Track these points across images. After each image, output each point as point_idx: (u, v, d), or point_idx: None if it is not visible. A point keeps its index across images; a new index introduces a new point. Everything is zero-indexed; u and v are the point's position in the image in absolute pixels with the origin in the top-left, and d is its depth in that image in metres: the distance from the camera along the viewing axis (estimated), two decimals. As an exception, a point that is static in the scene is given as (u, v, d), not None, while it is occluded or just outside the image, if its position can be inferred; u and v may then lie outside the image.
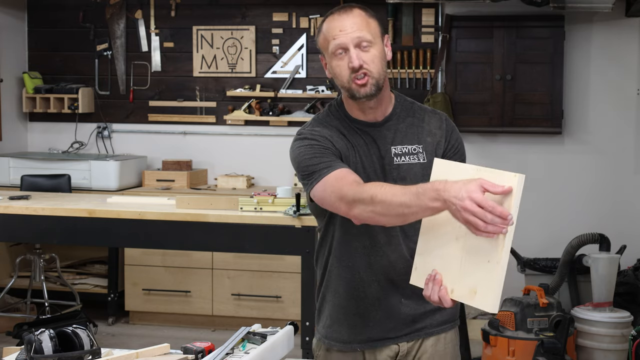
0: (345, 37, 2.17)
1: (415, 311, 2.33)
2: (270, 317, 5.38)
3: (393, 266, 2.29)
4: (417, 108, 2.36)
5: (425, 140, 2.30)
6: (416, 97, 2.50)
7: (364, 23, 2.19)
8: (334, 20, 2.21)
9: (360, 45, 2.17)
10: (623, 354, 4.45)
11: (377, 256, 2.29)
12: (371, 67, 2.18)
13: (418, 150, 2.29)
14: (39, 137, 6.62)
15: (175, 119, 6.38)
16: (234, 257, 5.70)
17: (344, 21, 2.19)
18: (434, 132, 2.32)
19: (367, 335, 2.34)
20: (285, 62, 6.19)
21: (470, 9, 5.80)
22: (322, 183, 2.16)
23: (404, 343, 2.35)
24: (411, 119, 2.32)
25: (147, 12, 6.39)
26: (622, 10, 5.60)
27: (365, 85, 2.19)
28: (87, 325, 2.24)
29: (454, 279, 1.99)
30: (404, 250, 2.29)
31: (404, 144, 2.29)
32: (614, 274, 4.64)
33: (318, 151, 2.21)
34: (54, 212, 4.57)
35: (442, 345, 2.37)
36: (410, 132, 2.30)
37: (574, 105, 5.81)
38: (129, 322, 5.97)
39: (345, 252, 2.32)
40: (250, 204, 4.43)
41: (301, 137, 2.27)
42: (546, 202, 5.88)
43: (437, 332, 2.36)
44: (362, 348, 2.34)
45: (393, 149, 2.28)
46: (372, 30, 2.20)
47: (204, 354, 2.19)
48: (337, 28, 2.18)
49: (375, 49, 2.19)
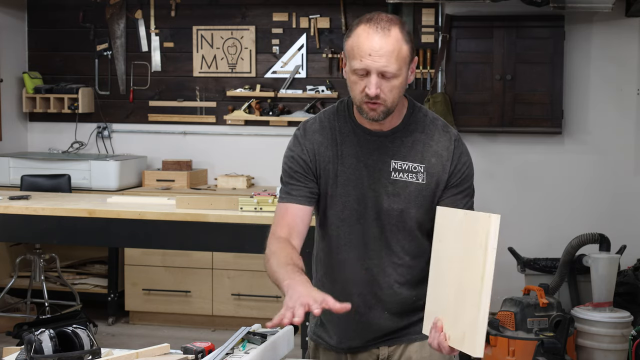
0: (373, 63, 2.08)
1: (397, 325, 2.34)
2: (270, 317, 5.33)
3: (377, 281, 2.29)
4: (428, 122, 2.26)
5: (430, 160, 2.23)
6: (416, 97, 2.48)
7: (397, 52, 2.09)
8: (368, 37, 2.09)
9: (383, 74, 2.09)
10: (623, 354, 4.45)
11: (360, 270, 2.28)
12: (387, 97, 2.12)
13: (419, 169, 2.22)
14: (39, 137, 6.62)
15: (175, 119, 6.38)
16: (234, 257, 5.70)
17: (378, 43, 2.08)
18: (441, 153, 2.23)
19: (348, 344, 2.38)
20: (285, 62, 6.19)
21: (470, 9, 5.80)
22: (277, 206, 2.32)
23: (384, 347, 2.36)
24: (419, 135, 2.24)
25: (147, 12, 6.39)
26: (622, 10, 5.60)
27: (374, 111, 2.14)
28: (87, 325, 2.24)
29: (450, 324, 2.02)
30: (388, 266, 2.28)
31: (406, 160, 2.22)
32: (614, 274, 4.64)
33: (291, 168, 2.27)
34: (54, 212, 4.57)
35: (427, 351, 2.33)
36: (415, 148, 2.23)
37: (574, 105, 5.81)
38: (129, 322, 5.97)
39: (329, 264, 2.34)
40: (250, 204, 4.43)
41: (294, 138, 2.31)
42: (546, 202, 5.88)
43: (422, 339, 2.32)
44: (345, 352, 2.39)
45: (393, 162, 2.22)
46: (401, 60, 2.10)
47: (204, 354, 2.19)
48: (368, 50, 2.08)
49: (397, 80, 2.11)
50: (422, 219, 2.25)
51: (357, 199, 2.24)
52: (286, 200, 2.26)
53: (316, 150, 2.25)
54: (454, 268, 2.01)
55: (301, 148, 2.27)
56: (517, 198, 5.86)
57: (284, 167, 2.30)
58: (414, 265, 2.29)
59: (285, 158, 2.31)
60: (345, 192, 2.24)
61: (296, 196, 2.25)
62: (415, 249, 2.28)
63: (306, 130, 2.29)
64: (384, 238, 2.26)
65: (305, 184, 2.26)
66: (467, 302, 1.95)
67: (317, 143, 2.26)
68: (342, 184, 2.24)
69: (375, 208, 2.23)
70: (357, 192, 2.24)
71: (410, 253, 2.28)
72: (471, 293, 1.94)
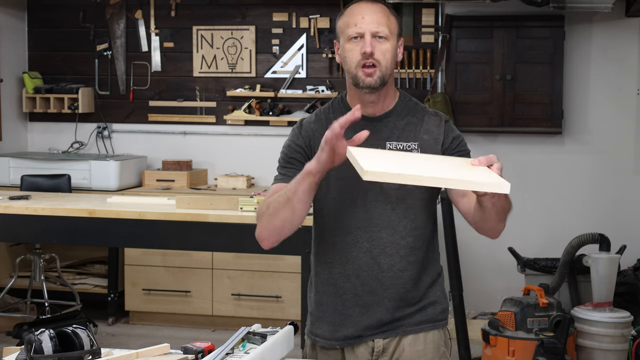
0: (365, 25, 2.25)
1: (393, 315, 2.35)
2: (270, 317, 5.38)
3: (377, 263, 2.31)
4: (419, 109, 2.39)
5: (422, 137, 2.33)
6: (416, 97, 2.51)
7: (385, 17, 2.28)
8: (359, 7, 2.29)
9: (376, 36, 2.25)
10: (623, 354, 4.45)
11: (358, 252, 2.31)
12: (381, 58, 2.25)
13: (413, 147, 2.32)
14: (39, 137, 6.63)
15: (175, 119, 6.38)
16: (234, 257, 5.70)
17: (369, 9, 2.28)
18: (432, 130, 2.35)
19: (344, 333, 2.38)
20: (285, 62, 6.19)
21: (470, 9, 5.80)
22: (270, 187, 2.38)
23: (379, 340, 2.36)
24: (410, 118, 2.36)
25: (147, 12, 6.39)
26: (622, 10, 5.60)
27: (371, 76, 2.25)
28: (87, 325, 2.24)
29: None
30: (389, 246, 2.30)
31: (400, 141, 2.32)
32: (614, 274, 4.64)
33: (287, 155, 2.37)
34: (54, 212, 4.57)
35: (421, 344, 2.36)
36: (407, 129, 2.34)
37: (574, 105, 5.81)
38: (129, 322, 5.97)
39: (323, 249, 2.38)
40: (250, 204, 4.43)
41: (291, 131, 2.41)
42: (546, 202, 5.88)
43: (416, 331, 2.36)
44: (340, 346, 2.39)
45: (388, 144, 2.31)
46: (390, 27, 2.28)
47: (204, 354, 2.19)
48: (360, 15, 2.27)
49: (389, 44, 2.27)
50: (420, 195, 2.31)
51: (353, 182, 2.24)
52: (280, 181, 2.35)
53: (311, 136, 2.36)
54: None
55: (297, 136, 2.38)
56: (517, 198, 5.86)
57: (282, 154, 2.41)
58: (416, 246, 2.33)
59: (283, 148, 2.42)
60: (340, 175, 2.28)
61: (291, 177, 2.28)
62: (415, 225, 2.32)
63: (303, 124, 2.41)
64: (385, 217, 2.29)
65: (300, 168, 2.28)
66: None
67: (311, 131, 2.36)
68: (337, 168, 2.25)
69: (374, 189, 2.28)
70: (353, 174, 2.24)
71: (413, 232, 2.32)
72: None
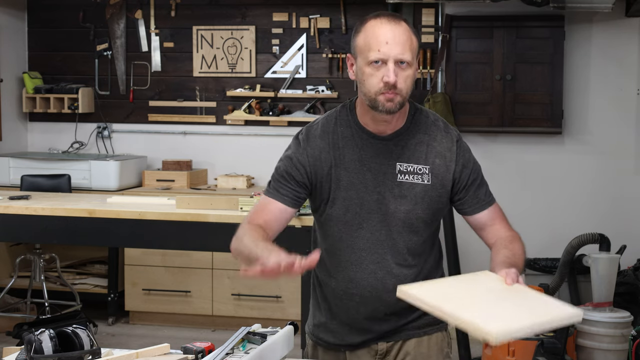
0: (390, 51, 2.12)
1: (397, 324, 2.35)
2: (270, 317, 5.38)
3: (380, 282, 2.29)
4: (430, 124, 2.30)
5: (434, 161, 2.26)
6: (416, 97, 2.50)
7: (409, 41, 2.15)
8: (382, 27, 2.14)
9: (398, 61, 2.13)
10: (623, 354, 4.45)
11: (362, 272, 2.29)
12: (403, 86, 2.14)
13: (424, 171, 2.25)
14: (39, 137, 6.62)
15: (175, 119, 6.38)
16: (234, 257, 5.69)
17: (393, 32, 2.14)
18: (444, 155, 2.27)
19: (347, 342, 2.39)
20: (285, 62, 6.19)
21: (470, 9, 5.80)
22: (260, 198, 2.33)
23: (382, 343, 2.37)
24: (422, 136, 2.27)
25: (147, 12, 6.39)
26: (622, 10, 5.59)
27: (392, 101, 2.14)
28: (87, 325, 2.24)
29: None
30: (393, 267, 2.28)
31: (410, 162, 2.25)
32: (614, 274, 4.64)
33: (286, 169, 2.28)
34: (54, 212, 4.56)
35: (425, 347, 2.37)
36: (419, 150, 2.26)
37: (574, 105, 5.81)
38: (129, 322, 5.97)
39: (331, 265, 2.34)
40: (250, 204, 4.42)
41: (296, 142, 2.30)
42: (546, 202, 5.87)
43: (419, 335, 2.37)
44: (343, 349, 2.41)
45: (398, 165, 2.24)
46: (413, 50, 2.16)
47: (204, 354, 2.19)
48: (385, 39, 2.13)
49: (411, 70, 2.16)
50: (428, 219, 2.29)
51: (361, 202, 2.25)
52: (271, 196, 2.28)
53: (317, 156, 2.26)
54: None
55: (302, 153, 2.28)
56: (517, 198, 5.85)
57: (280, 165, 2.31)
58: (418, 265, 2.32)
59: (283, 157, 2.32)
60: (347, 195, 2.25)
61: (283, 195, 2.26)
62: (421, 249, 2.31)
63: (309, 136, 2.29)
64: (390, 239, 2.27)
65: (295, 188, 2.27)
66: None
67: (318, 149, 2.27)
68: (345, 187, 2.24)
69: (381, 210, 2.25)
70: (360, 195, 2.25)
71: (416, 254, 2.30)
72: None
